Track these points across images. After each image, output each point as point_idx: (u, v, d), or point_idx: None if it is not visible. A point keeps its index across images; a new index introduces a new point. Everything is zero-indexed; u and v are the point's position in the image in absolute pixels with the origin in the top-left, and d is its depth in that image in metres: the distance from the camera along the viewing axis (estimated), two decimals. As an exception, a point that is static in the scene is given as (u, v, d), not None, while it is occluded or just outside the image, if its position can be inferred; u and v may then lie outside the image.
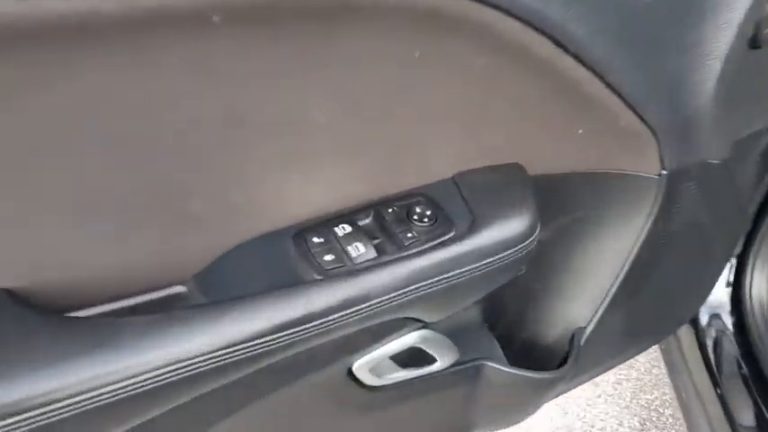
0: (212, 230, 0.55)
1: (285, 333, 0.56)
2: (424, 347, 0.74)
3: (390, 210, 0.64)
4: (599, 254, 0.84)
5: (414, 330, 0.72)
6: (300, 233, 0.60)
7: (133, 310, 0.55)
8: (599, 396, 1.79)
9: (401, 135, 0.59)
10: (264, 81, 0.47)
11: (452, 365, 0.79)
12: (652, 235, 0.80)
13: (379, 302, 0.60)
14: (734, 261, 1.33)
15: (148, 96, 0.43)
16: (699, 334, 1.30)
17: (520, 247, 0.67)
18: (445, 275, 0.63)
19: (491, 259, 0.66)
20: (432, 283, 0.63)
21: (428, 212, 0.64)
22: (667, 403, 1.73)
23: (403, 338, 0.71)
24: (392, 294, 0.61)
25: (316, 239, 0.60)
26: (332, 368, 0.69)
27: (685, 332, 1.31)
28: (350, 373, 0.72)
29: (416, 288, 0.62)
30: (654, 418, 1.70)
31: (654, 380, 1.79)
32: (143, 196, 0.49)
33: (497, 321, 0.93)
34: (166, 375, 0.51)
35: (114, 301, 0.55)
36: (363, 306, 0.59)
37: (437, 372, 0.79)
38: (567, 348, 0.91)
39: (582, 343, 0.90)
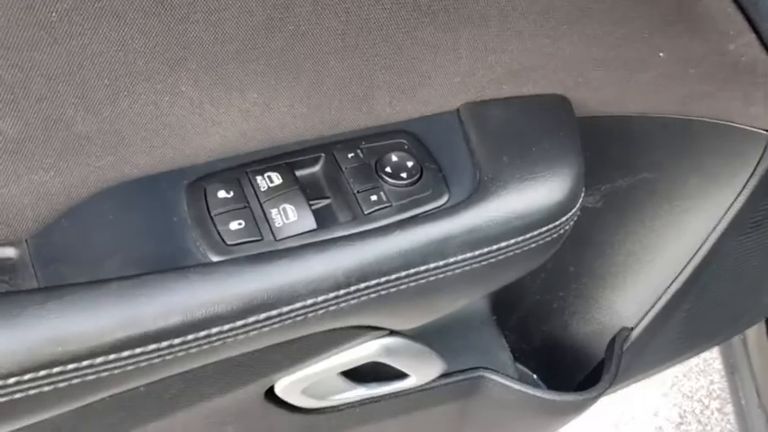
0: (56, 168, 0.41)
1: (148, 350, 0.39)
2: (388, 362, 0.56)
3: (351, 155, 0.47)
4: (667, 233, 0.70)
5: (373, 339, 0.54)
6: (198, 182, 0.44)
7: None
8: (635, 378, 1.64)
9: (377, 40, 0.44)
10: None
11: (437, 379, 0.63)
12: (745, 212, 0.67)
13: (312, 305, 0.43)
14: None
15: None
16: (774, 332, 1.21)
17: (550, 227, 0.49)
18: (426, 267, 0.46)
19: (502, 245, 0.48)
20: (403, 278, 0.45)
21: (409, 163, 0.47)
22: (714, 394, 1.60)
23: (357, 349, 0.54)
24: (335, 294, 0.43)
25: (222, 194, 0.44)
26: (238, 392, 0.52)
27: (754, 328, 1.23)
28: (270, 393, 0.55)
29: (377, 285, 0.45)
30: (697, 411, 1.57)
31: (702, 364, 1.64)
32: None
33: (510, 314, 0.81)
34: None
35: None
36: (285, 311, 0.42)
37: (412, 389, 0.63)
38: (603, 356, 0.77)
39: (624, 349, 0.76)
